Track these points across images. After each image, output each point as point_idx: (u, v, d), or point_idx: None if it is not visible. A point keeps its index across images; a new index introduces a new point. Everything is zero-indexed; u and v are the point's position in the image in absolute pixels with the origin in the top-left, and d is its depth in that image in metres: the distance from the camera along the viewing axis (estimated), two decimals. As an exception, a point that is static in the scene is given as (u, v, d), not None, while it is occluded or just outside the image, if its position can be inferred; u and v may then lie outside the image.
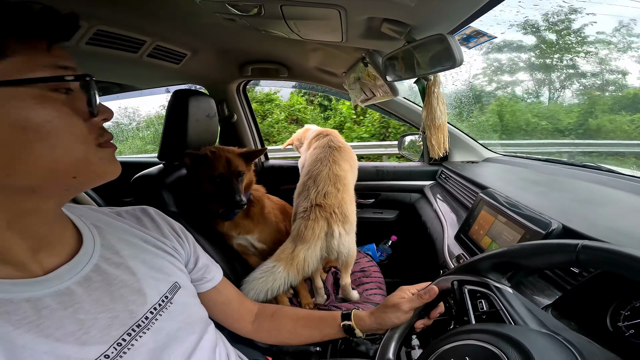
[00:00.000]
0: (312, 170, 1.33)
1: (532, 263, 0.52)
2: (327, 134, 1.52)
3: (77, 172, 0.42)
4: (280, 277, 1.09)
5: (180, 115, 1.14)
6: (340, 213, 1.20)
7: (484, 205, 0.97)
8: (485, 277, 0.56)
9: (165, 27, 1.17)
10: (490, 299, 0.53)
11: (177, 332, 0.53)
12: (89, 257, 0.50)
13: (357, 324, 0.71)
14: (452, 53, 0.62)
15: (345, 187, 1.29)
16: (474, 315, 0.54)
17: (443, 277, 0.65)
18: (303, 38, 1.04)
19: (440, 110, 0.85)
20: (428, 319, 0.68)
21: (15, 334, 0.38)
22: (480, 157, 1.65)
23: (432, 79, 0.83)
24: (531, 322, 0.46)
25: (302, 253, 1.13)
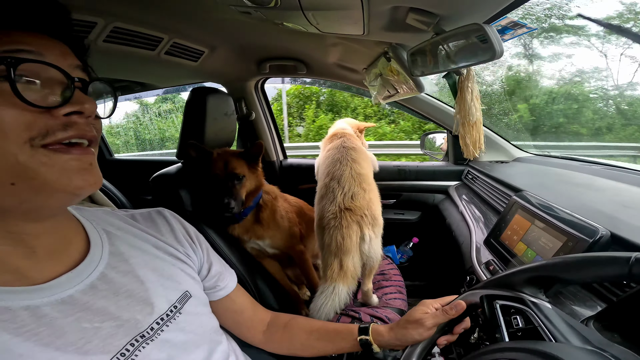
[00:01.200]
0: (332, 171, 1.28)
1: (576, 277, 0.47)
2: (342, 135, 1.48)
3: (13, 178, 0.36)
4: (343, 294, 1.09)
5: (198, 114, 1.13)
6: (370, 215, 1.17)
7: (518, 209, 0.90)
8: (520, 292, 0.52)
9: (182, 24, 1.15)
10: (527, 314, 0.49)
11: (185, 344, 0.51)
12: (96, 264, 0.48)
13: (375, 339, 0.67)
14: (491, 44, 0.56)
15: (371, 187, 1.26)
16: (507, 332, 0.49)
17: (470, 292, 0.60)
18: (322, 31, 1.00)
19: (475, 106, 0.78)
20: (452, 334, 0.63)
21: (13, 342, 0.36)
22: (510, 157, 1.56)
23: (465, 73, 0.77)
24: (574, 338, 0.43)
25: (350, 264, 1.11)
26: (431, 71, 0.78)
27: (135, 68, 1.54)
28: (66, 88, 0.39)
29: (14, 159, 0.36)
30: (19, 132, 0.36)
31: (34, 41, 0.39)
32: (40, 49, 0.38)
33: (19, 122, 0.36)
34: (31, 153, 0.36)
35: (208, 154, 1.11)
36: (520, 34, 0.68)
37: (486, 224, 1.13)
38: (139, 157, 3.10)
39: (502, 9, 0.61)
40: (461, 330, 0.63)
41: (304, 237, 1.40)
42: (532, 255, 0.79)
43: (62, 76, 0.39)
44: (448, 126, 1.63)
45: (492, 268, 0.89)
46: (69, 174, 0.39)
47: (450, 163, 1.76)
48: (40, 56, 0.38)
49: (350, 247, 1.11)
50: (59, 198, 0.41)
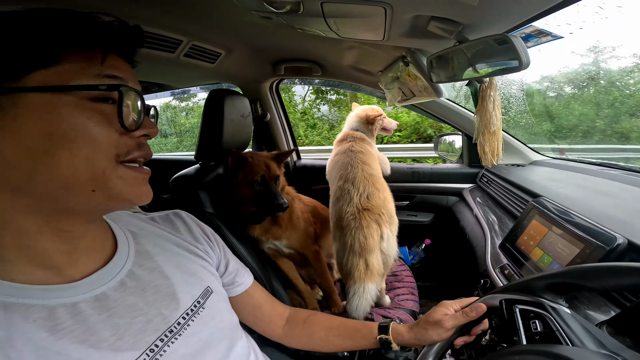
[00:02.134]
0: (344, 174, 1.32)
1: (597, 285, 0.48)
2: (352, 139, 1.50)
3: (96, 186, 0.40)
4: (373, 291, 1.13)
5: (216, 115, 1.15)
6: (387, 214, 1.20)
7: (535, 215, 0.90)
8: (540, 297, 0.53)
9: (201, 27, 1.17)
10: (546, 319, 0.50)
11: (209, 338, 0.53)
12: (124, 262, 0.50)
13: (395, 338, 0.69)
14: (518, 55, 0.56)
15: (383, 186, 1.29)
16: (525, 335, 0.51)
17: (490, 295, 0.61)
18: (341, 37, 1.01)
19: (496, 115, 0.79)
20: (469, 335, 0.65)
21: (50, 340, 0.38)
22: (527, 160, 1.55)
23: (488, 81, 0.77)
24: (590, 342, 0.44)
25: (375, 262, 1.14)
26: (452, 79, 0.79)
27: (155, 70, 1.57)
28: (139, 112, 0.44)
29: (102, 171, 0.40)
30: (110, 149, 0.41)
31: (122, 67, 0.43)
32: (126, 75, 0.43)
33: (111, 140, 0.41)
34: (114, 167, 0.41)
35: (244, 159, 1.15)
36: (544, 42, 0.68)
37: (501, 227, 1.13)
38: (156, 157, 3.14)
39: (528, 18, 0.61)
40: (479, 332, 0.64)
41: (318, 236, 1.42)
42: (548, 261, 0.79)
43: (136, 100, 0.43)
44: (464, 129, 1.63)
45: (507, 272, 0.89)
46: (134, 187, 0.44)
47: (464, 165, 1.75)
48: (126, 82, 0.42)
49: (374, 245, 1.14)
50: (123, 205, 0.45)
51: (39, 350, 0.37)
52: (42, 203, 0.40)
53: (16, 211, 0.39)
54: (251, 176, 1.13)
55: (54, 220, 0.41)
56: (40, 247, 0.41)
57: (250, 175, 1.13)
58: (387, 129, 1.67)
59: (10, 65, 0.36)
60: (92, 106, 0.39)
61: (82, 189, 0.40)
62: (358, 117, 1.62)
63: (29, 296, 0.39)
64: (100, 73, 0.40)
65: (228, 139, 1.19)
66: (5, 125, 0.36)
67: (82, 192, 0.40)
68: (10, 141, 0.36)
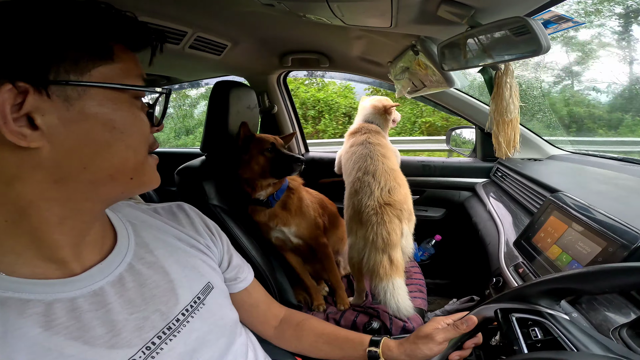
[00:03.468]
0: (363, 166, 1.27)
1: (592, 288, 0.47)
2: (367, 131, 1.45)
3: (134, 174, 0.44)
4: (402, 286, 1.10)
5: (222, 107, 1.15)
6: (407, 210, 1.17)
7: (553, 210, 0.85)
8: (536, 305, 0.52)
9: (206, 18, 1.16)
10: (545, 326, 0.49)
11: (208, 335, 0.52)
12: (123, 255, 0.49)
13: (384, 352, 0.67)
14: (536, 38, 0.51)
15: (403, 182, 1.26)
16: (525, 344, 0.49)
17: (484, 306, 0.59)
18: (346, 24, 0.97)
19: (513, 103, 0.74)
20: (463, 350, 0.63)
21: (44, 336, 0.38)
22: (544, 155, 1.48)
23: (503, 68, 0.72)
24: (595, 347, 0.43)
25: (398, 257, 1.11)
26: (465, 66, 0.74)
27: (160, 62, 1.56)
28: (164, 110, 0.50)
29: (142, 160, 0.45)
30: (147, 141, 0.46)
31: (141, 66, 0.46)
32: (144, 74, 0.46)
33: (147, 134, 0.46)
34: (147, 157, 0.46)
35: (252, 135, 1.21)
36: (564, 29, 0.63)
37: (516, 224, 1.08)
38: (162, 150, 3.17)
39: (545, 3, 0.56)
40: (472, 345, 0.63)
41: (327, 229, 1.40)
42: (567, 260, 0.75)
43: None
44: (477, 122, 1.57)
45: (521, 271, 0.85)
46: (155, 173, 0.48)
47: (478, 159, 1.70)
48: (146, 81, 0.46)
49: (397, 241, 1.12)
50: (144, 190, 0.49)
51: (32, 346, 0.36)
52: (79, 193, 0.41)
53: (47, 202, 0.39)
54: (262, 145, 1.19)
55: (79, 211, 0.42)
56: (53, 240, 0.41)
57: (261, 145, 1.19)
58: (395, 121, 1.63)
59: (78, 58, 0.37)
60: (137, 103, 0.44)
61: (124, 177, 0.43)
62: (374, 108, 1.56)
63: (28, 291, 0.39)
64: (141, 75, 0.44)
65: (234, 130, 1.19)
66: (72, 117, 0.37)
67: (123, 179, 0.43)
68: (75, 132, 0.38)
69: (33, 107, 0.35)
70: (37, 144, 0.36)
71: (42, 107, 0.35)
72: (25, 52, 0.35)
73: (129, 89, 0.41)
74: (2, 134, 0.34)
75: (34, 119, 0.35)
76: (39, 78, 0.35)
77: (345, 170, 1.42)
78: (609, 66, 4.49)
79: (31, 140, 0.35)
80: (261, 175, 1.18)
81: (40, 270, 0.41)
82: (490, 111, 0.78)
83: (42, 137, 0.36)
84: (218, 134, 1.17)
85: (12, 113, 0.34)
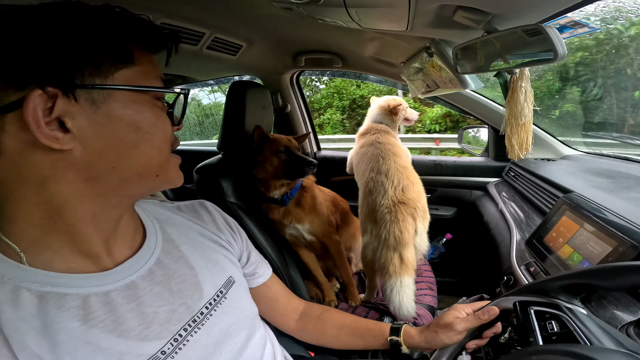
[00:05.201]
0: (375, 166, 1.28)
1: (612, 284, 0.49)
2: (375, 131, 1.47)
3: (160, 171, 0.46)
4: (411, 284, 1.11)
5: (239, 107, 1.17)
6: (421, 208, 1.18)
7: (566, 211, 0.86)
8: (555, 299, 0.53)
9: (223, 19, 1.19)
10: (562, 319, 0.50)
11: (230, 328, 0.54)
12: (152, 250, 0.51)
13: (406, 341, 0.69)
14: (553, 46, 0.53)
15: (417, 180, 1.27)
16: (541, 336, 0.51)
17: (503, 297, 0.61)
18: (362, 27, 0.99)
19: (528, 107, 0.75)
20: (482, 339, 0.65)
21: (82, 329, 0.39)
22: (558, 155, 1.47)
23: (519, 73, 0.73)
24: (608, 342, 0.45)
25: (409, 255, 1.12)
26: (480, 69, 0.75)
27: (178, 62, 1.60)
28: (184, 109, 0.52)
29: (166, 159, 0.47)
30: (170, 141, 0.47)
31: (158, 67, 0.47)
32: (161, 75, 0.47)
33: (170, 132, 0.47)
34: (171, 156, 0.48)
35: (266, 137, 1.22)
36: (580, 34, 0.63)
37: (528, 224, 1.09)
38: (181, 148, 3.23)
39: (562, 10, 0.57)
40: (491, 335, 0.64)
41: (339, 227, 1.42)
42: (578, 259, 0.76)
43: None
44: (490, 122, 1.57)
45: (532, 270, 0.86)
46: (178, 171, 0.50)
47: (490, 159, 1.70)
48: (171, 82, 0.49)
49: (409, 240, 1.12)
50: (169, 187, 0.51)
51: (71, 339, 0.38)
52: (109, 190, 0.43)
53: (80, 200, 0.41)
54: (275, 147, 1.20)
55: (109, 207, 0.44)
56: (87, 235, 0.42)
57: (274, 146, 1.20)
58: (409, 119, 1.65)
59: (100, 63, 0.39)
60: (158, 104, 0.45)
61: (151, 175, 0.45)
62: (381, 109, 1.58)
63: (65, 285, 0.40)
64: (160, 76, 0.46)
65: (250, 129, 1.21)
66: (100, 119, 0.39)
67: (150, 177, 0.45)
68: (103, 134, 0.39)
69: (63, 111, 0.37)
70: (70, 146, 0.37)
71: (71, 111, 0.37)
72: (51, 57, 0.36)
73: (150, 90, 0.43)
74: (37, 137, 0.35)
75: (64, 122, 0.37)
76: (66, 82, 0.37)
77: (357, 171, 1.43)
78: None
79: (64, 143, 0.37)
80: (274, 176, 1.20)
81: (76, 266, 0.42)
82: (505, 114, 0.79)
83: (74, 140, 0.38)
84: (235, 133, 1.19)
85: (44, 117, 0.36)
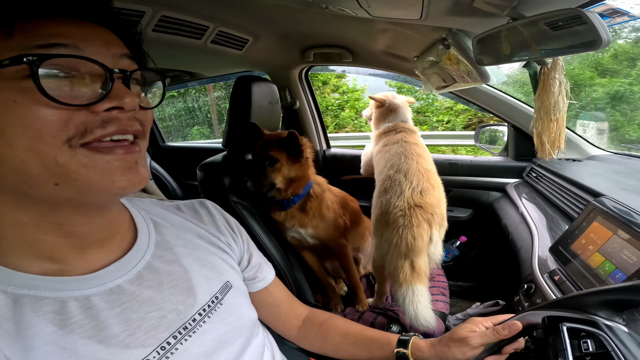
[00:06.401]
0: (396, 164, 1.21)
1: None
2: (401, 129, 1.38)
3: (56, 179, 0.35)
4: (424, 292, 1.04)
5: (244, 102, 1.14)
6: (439, 215, 1.10)
7: (597, 216, 0.79)
8: (594, 315, 0.48)
9: (226, 12, 1.16)
10: (600, 338, 0.45)
11: (225, 336, 0.51)
12: (143, 253, 0.48)
13: (414, 354, 0.63)
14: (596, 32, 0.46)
15: (438, 184, 1.19)
16: (573, 356, 0.45)
17: (530, 312, 0.56)
18: (372, 15, 0.93)
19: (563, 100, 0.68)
20: (500, 355, 0.59)
21: (58, 335, 0.36)
22: (584, 155, 1.38)
23: (551, 63, 0.66)
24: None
25: (422, 263, 1.04)
26: (505, 60, 0.68)
27: (183, 57, 1.59)
28: (105, 81, 0.36)
29: (54, 160, 0.34)
30: (54, 132, 0.33)
31: (73, 32, 0.35)
32: (78, 41, 0.35)
33: (53, 122, 0.33)
34: (71, 154, 0.34)
35: (260, 134, 1.16)
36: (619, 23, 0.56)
37: (552, 228, 1.01)
38: (187, 144, 3.24)
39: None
40: (512, 351, 0.58)
41: (347, 229, 1.37)
42: (610, 269, 0.70)
43: (100, 69, 0.36)
44: (510, 119, 1.49)
45: (557, 279, 0.80)
46: (111, 175, 0.37)
47: (509, 159, 1.61)
48: (76, 49, 0.35)
49: (422, 247, 1.05)
50: (103, 198, 0.40)
51: (46, 345, 0.35)
52: (18, 197, 0.36)
53: (5, 206, 0.37)
54: None
55: (46, 214, 0.38)
56: (43, 240, 0.39)
57: None
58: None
59: None
60: (23, 85, 0.32)
61: (43, 183, 0.35)
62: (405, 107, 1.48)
63: (42, 287, 0.37)
64: (30, 44, 0.32)
65: None
66: None
67: (45, 185, 0.35)
68: None
69: None
70: None
71: None
72: None
73: None
74: None
75: None
76: None
77: (376, 169, 1.36)
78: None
79: None
80: None
81: (50, 269, 0.39)
82: (536, 109, 0.72)
83: None
84: (240, 130, 1.16)
85: None
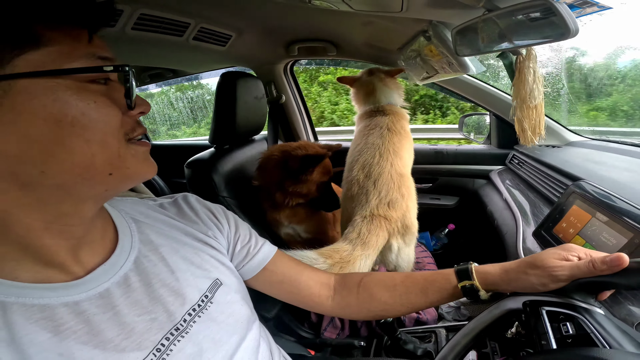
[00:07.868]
0: (369, 162, 1.12)
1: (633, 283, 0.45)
2: (389, 112, 1.27)
3: (112, 169, 0.40)
4: None
5: (229, 98, 1.14)
6: (402, 225, 1.05)
7: (576, 200, 0.82)
8: (570, 298, 0.50)
9: (208, 8, 1.14)
10: (578, 321, 0.46)
11: (218, 334, 0.50)
12: (127, 254, 0.47)
13: (482, 282, 0.56)
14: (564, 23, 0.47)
15: (409, 190, 1.11)
16: (555, 339, 0.46)
17: (511, 298, 0.56)
18: (354, 9, 0.93)
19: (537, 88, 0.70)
20: None
21: (53, 341, 0.36)
22: (563, 141, 1.42)
23: (525, 53, 0.68)
24: (627, 344, 0.42)
25: (358, 261, 0.98)
26: (482, 51, 0.70)
27: (165, 55, 1.56)
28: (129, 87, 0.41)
29: (117, 152, 0.40)
30: (119, 128, 0.40)
31: (105, 46, 0.41)
32: (106, 53, 0.40)
33: (117, 120, 0.40)
34: (126, 147, 0.41)
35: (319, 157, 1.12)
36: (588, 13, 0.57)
37: (534, 213, 1.05)
38: (173, 142, 3.19)
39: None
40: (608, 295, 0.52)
41: (336, 220, 1.39)
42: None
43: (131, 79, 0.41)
44: (491, 108, 1.52)
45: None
46: (144, 163, 0.44)
47: (492, 146, 1.65)
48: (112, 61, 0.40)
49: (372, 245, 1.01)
50: (134, 184, 0.45)
51: (42, 352, 0.35)
52: (52, 197, 0.38)
53: (22, 209, 0.37)
54: (325, 175, 1.13)
55: (61, 215, 0.39)
56: (46, 245, 0.39)
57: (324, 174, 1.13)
58: None
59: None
60: (92, 87, 0.38)
61: (100, 174, 0.39)
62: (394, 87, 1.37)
63: (30, 295, 0.37)
64: (94, 54, 0.38)
65: (242, 122, 1.19)
66: (3, 118, 0.33)
67: (100, 177, 0.39)
68: (13, 135, 0.33)
69: None
70: None
71: None
72: None
73: (65, 73, 0.35)
74: None
75: None
76: None
77: (349, 154, 1.25)
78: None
79: None
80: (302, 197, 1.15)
81: (43, 276, 0.39)
82: (513, 97, 0.74)
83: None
84: (226, 126, 1.15)
85: None
